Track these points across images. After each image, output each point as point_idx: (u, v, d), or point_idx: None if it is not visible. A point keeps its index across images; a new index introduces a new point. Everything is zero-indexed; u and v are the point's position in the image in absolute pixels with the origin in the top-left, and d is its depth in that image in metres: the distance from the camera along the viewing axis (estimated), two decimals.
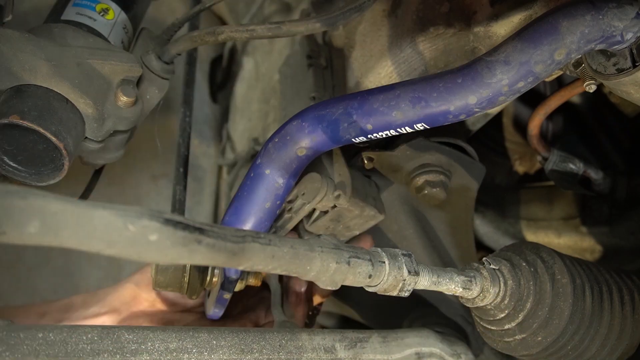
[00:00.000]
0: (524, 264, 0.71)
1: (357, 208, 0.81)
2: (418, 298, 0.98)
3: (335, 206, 0.80)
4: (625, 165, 1.25)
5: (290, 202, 0.78)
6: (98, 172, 0.90)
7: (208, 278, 0.78)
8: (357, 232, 0.87)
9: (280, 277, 0.92)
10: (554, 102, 1.02)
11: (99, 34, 0.75)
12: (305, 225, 0.86)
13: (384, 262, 0.62)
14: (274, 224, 0.79)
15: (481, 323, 0.74)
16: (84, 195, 0.89)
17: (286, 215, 0.79)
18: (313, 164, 0.79)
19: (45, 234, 0.39)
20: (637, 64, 0.64)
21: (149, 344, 0.67)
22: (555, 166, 1.11)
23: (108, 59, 0.71)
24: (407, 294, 0.65)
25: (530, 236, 1.21)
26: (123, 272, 1.55)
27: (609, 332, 0.73)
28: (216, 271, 0.78)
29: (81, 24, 0.75)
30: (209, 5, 0.81)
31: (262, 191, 0.74)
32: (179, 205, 0.85)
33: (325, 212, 0.82)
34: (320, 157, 0.75)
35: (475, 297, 0.69)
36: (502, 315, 0.71)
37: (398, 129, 0.69)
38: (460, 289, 0.67)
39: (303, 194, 0.78)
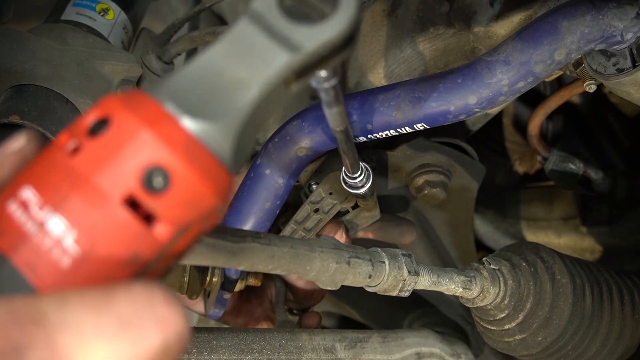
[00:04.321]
0: (524, 264, 0.71)
1: (375, 208, 0.81)
2: (418, 298, 0.98)
3: (356, 206, 0.79)
4: (625, 165, 1.25)
5: (314, 203, 0.77)
6: None
7: (208, 278, 0.78)
8: (353, 232, 0.87)
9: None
10: (554, 102, 1.02)
11: (99, 34, 0.75)
12: None
13: (384, 262, 0.62)
14: (299, 227, 0.78)
15: (481, 323, 0.74)
16: None
17: (314, 217, 0.77)
18: (329, 162, 0.78)
19: None
20: (637, 64, 0.64)
21: None
22: (555, 166, 1.11)
23: (108, 59, 0.71)
24: (407, 294, 0.65)
25: (530, 236, 1.21)
26: None
27: (609, 332, 0.73)
28: (216, 271, 0.78)
29: (81, 24, 0.75)
30: (209, 5, 0.81)
31: (262, 191, 0.74)
32: None
33: (343, 212, 0.81)
34: (334, 154, 0.74)
35: (475, 297, 0.69)
36: (502, 315, 0.70)
37: (398, 129, 0.69)
38: (460, 289, 0.67)
39: (330, 193, 0.76)
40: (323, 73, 0.40)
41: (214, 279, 0.78)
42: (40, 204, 0.30)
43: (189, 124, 0.31)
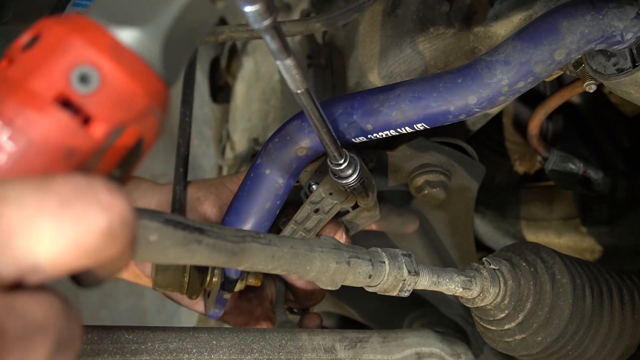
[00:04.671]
0: (524, 264, 0.71)
1: (375, 208, 0.81)
2: (418, 298, 0.98)
3: (356, 206, 0.79)
4: (625, 165, 1.26)
5: (314, 203, 0.77)
6: None
7: (208, 278, 0.78)
8: (353, 232, 0.87)
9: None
10: (554, 102, 1.02)
11: None
12: None
13: (384, 262, 0.62)
14: (299, 227, 0.78)
15: (481, 323, 0.74)
16: None
17: (314, 217, 0.77)
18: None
19: None
20: (637, 64, 0.64)
21: (149, 344, 0.67)
22: (555, 166, 1.11)
23: None
24: (407, 294, 0.65)
25: (530, 236, 1.21)
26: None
27: (609, 332, 0.73)
28: (216, 271, 0.78)
29: None
30: None
31: (262, 191, 0.74)
32: (179, 205, 0.85)
33: (343, 213, 0.81)
34: None
35: (475, 297, 0.69)
36: (502, 315, 0.71)
37: (398, 129, 0.69)
38: (460, 289, 0.67)
39: (330, 193, 0.76)
40: (255, 7, 0.41)
41: (214, 279, 0.78)
42: None
43: (114, 30, 0.33)
